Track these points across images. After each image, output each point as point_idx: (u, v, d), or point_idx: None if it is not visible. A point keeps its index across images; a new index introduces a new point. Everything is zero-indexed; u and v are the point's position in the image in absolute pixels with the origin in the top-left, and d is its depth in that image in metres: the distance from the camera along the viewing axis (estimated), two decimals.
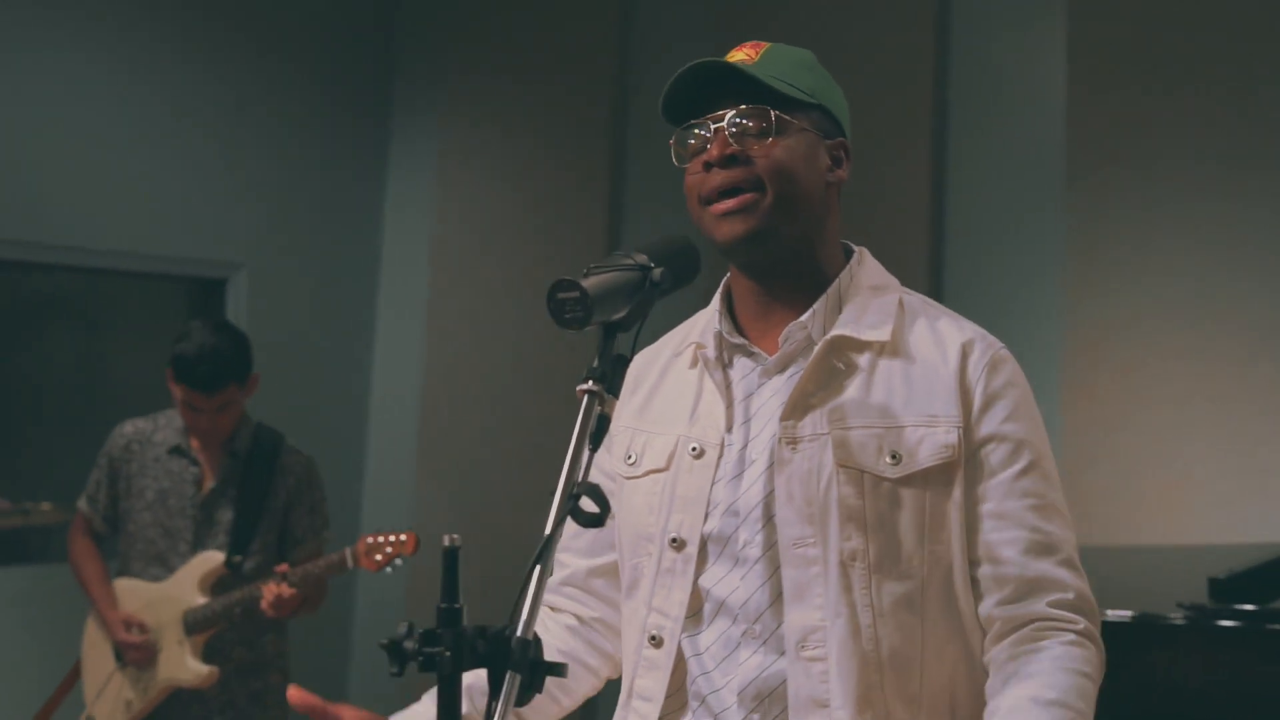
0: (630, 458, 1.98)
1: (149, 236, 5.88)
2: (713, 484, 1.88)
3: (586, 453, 1.62)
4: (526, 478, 5.77)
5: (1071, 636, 1.80)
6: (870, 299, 1.91)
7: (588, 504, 1.59)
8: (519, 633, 1.53)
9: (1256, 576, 3.35)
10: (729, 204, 1.85)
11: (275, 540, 4.08)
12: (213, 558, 4.00)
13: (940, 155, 5.47)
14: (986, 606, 1.83)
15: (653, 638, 1.89)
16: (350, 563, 3.87)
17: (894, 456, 1.82)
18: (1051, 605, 1.80)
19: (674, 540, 1.89)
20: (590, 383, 1.65)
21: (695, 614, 1.88)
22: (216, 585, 4.00)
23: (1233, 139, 4.90)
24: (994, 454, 1.83)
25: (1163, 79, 5.01)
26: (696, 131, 1.88)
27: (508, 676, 1.51)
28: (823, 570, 1.80)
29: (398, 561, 3.90)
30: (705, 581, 1.87)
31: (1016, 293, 5.35)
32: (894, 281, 1.98)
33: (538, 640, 1.54)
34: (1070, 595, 1.82)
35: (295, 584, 3.85)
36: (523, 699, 1.53)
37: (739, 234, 1.85)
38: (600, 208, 6.07)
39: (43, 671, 5.13)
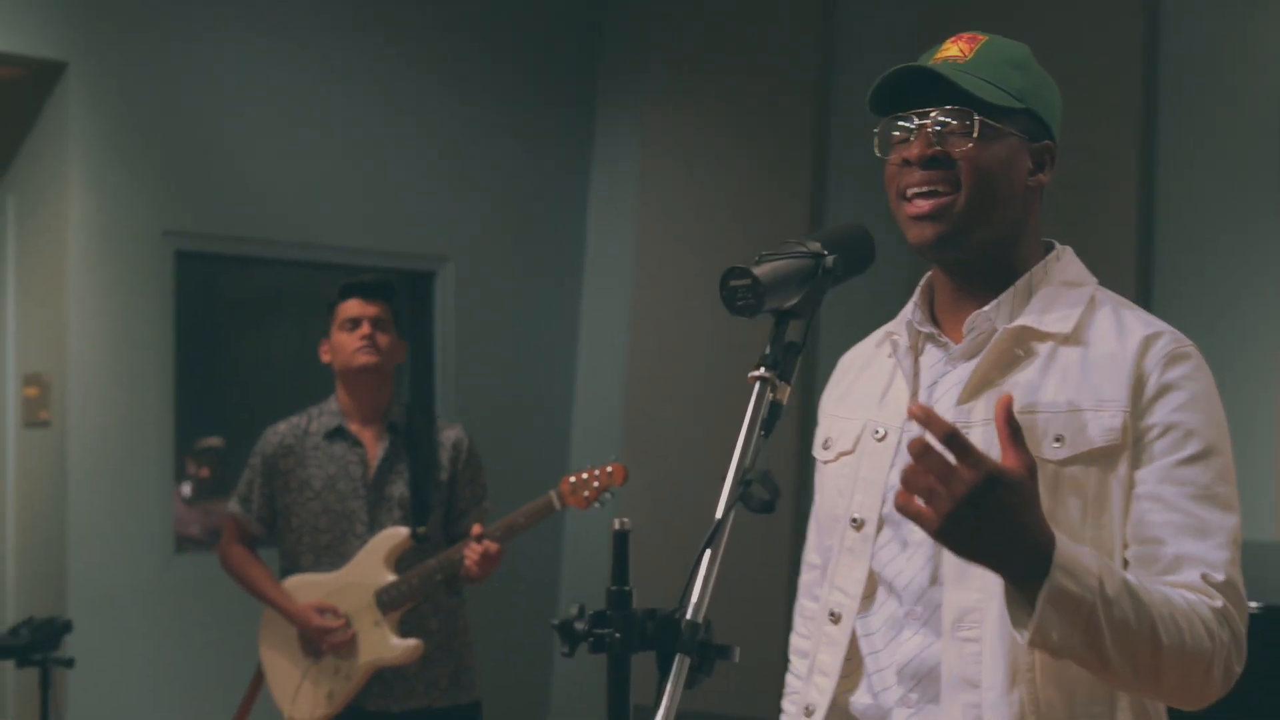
0: (826, 443, 2.04)
1: (362, 231, 6.08)
2: (891, 466, 1.91)
3: (758, 438, 1.64)
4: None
5: (1215, 605, 1.75)
6: (1061, 292, 1.91)
7: (759, 490, 1.61)
8: (688, 615, 1.55)
9: None
10: (922, 206, 1.86)
11: (443, 513, 4.08)
12: (396, 533, 3.97)
13: (1150, 146, 5.33)
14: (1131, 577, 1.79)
15: (832, 614, 1.94)
16: (557, 504, 3.89)
17: (1058, 440, 1.82)
18: (1202, 578, 1.76)
19: (854, 520, 1.93)
20: (762, 369, 1.67)
21: (869, 594, 1.91)
22: (400, 561, 3.99)
23: None
24: (1160, 440, 1.81)
25: None
26: (901, 125, 1.90)
27: (677, 659, 1.54)
28: None
29: (607, 495, 3.90)
30: (876, 563, 1.91)
31: (1232, 282, 5.20)
32: (1092, 280, 1.96)
33: (708, 623, 1.56)
34: (1220, 576, 1.77)
35: (499, 538, 3.86)
36: (692, 681, 1.55)
37: (929, 238, 1.87)
38: (802, 198, 6.06)
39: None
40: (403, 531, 3.97)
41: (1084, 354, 1.86)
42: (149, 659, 5.41)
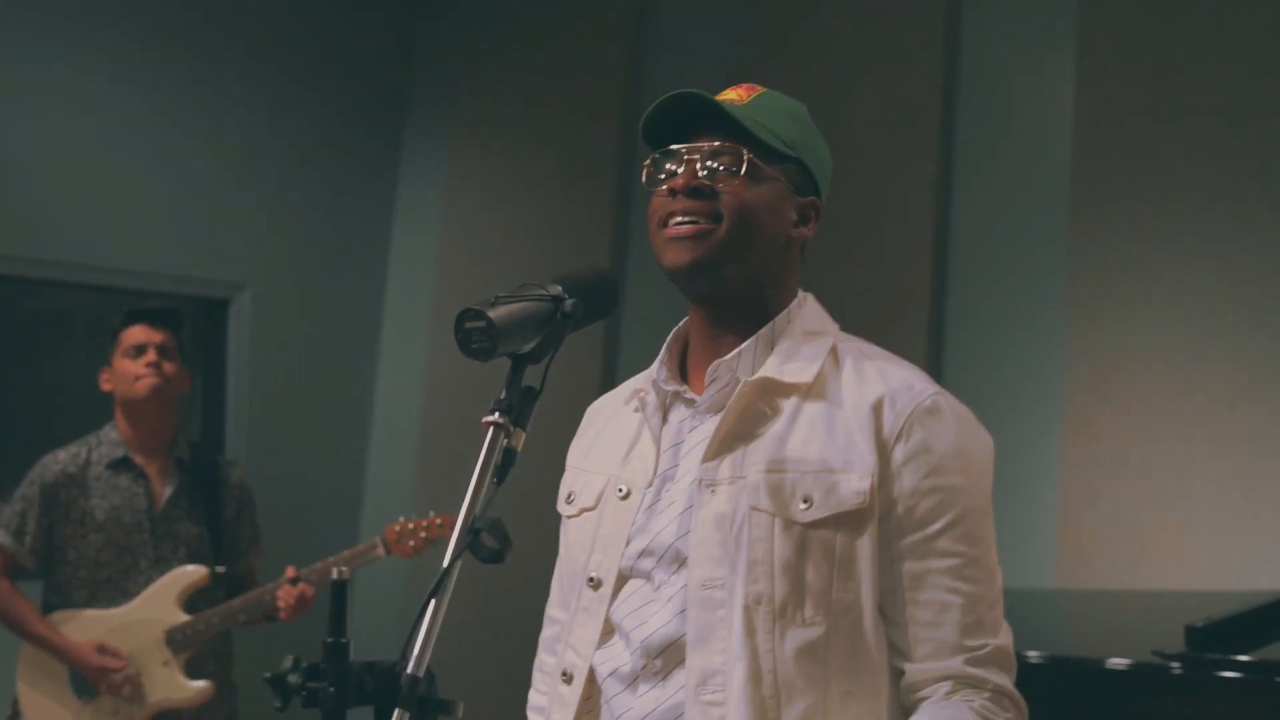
0: (569, 497, 2.00)
1: (155, 255, 5.90)
2: (632, 525, 1.87)
3: (490, 486, 1.60)
4: (526, 505, 5.73)
5: (986, 694, 1.78)
6: (802, 343, 1.89)
7: (488, 539, 1.57)
8: (409, 669, 1.51)
9: (1237, 624, 3.28)
10: (682, 230, 1.84)
11: (226, 553, 4.06)
12: (192, 572, 3.92)
13: (945, 187, 5.43)
14: (899, 665, 1.81)
15: (565, 674, 1.90)
16: (382, 551, 3.95)
17: (806, 500, 1.79)
18: (967, 663, 1.78)
19: (591, 579, 1.89)
20: (496, 415, 1.63)
21: (604, 647, 1.87)
22: (188, 600, 3.93)
23: (1239, 176, 4.84)
24: (915, 510, 1.79)
25: (1169, 115, 4.95)
26: (671, 158, 1.88)
27: (395, 714, 1.49)
28: (727, 614, 1.78)
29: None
30: (615, 615, 1.87)
31: (1018, 328, 5.30)
32: (833, 327, 1.95)
33: (430, 676, 1.52)
34: (986, 650, 1.79)
35: (315, 581, 3.89)
36: None
37: (684, 262, 1.84)
38: (606, 233, 6.06)
39: None
40: (202, 570, 3.94)
41: (828, 410, 1.83)
42: None
